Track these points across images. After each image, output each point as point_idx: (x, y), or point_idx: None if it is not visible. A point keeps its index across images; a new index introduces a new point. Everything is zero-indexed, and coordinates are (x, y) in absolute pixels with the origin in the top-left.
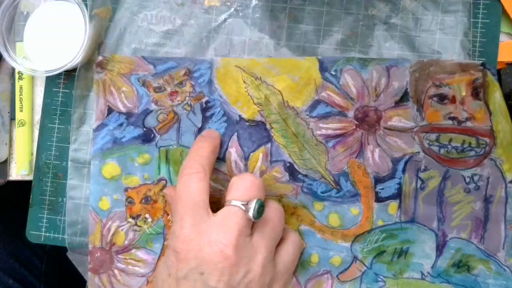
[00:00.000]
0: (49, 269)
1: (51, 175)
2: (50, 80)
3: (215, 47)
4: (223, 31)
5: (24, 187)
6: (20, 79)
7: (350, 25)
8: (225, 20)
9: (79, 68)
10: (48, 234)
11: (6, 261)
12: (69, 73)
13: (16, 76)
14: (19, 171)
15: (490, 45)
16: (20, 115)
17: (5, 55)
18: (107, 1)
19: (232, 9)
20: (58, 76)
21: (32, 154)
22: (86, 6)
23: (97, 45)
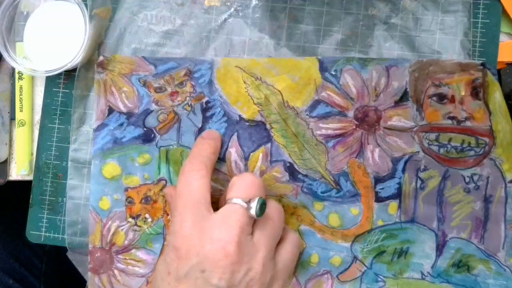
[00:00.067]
0: (49, 269)
1: (51, 175)
2: (50, 80)
3: (215, 47)
4: (223, 31)
5: (24, 187)
6: (20, 79)
7: (350, 25)
8: (225, 20)
9: (79, 68)
10: (48, 234)
11: (6, 261)
12: (69, 73)
13: (16, 76)
14: (19, 171)
15: (490, 45)
16: (20, 115)
17: (5, 55)
18: (107, 1)
19: (232, 9)
20: (58, 76)
21: (32, 154)
22: (86, 6)
23: (97, 45)
